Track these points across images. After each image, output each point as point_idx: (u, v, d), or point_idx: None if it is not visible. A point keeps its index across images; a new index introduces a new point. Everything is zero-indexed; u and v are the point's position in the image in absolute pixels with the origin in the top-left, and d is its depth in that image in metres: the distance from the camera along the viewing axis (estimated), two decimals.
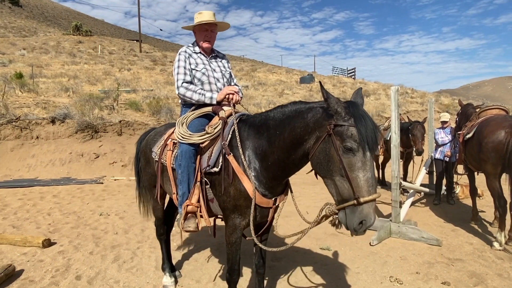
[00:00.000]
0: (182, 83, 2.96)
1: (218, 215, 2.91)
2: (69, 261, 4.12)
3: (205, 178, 2.67)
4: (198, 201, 2.71)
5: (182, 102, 3.15)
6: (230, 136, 2.62)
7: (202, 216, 2.73)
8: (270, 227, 2.87)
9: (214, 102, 2.92)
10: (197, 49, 3.12)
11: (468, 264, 4.09)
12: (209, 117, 2.94)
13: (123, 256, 4.29)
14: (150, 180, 3.53)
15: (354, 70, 38.04)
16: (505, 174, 4.61)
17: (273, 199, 2.56)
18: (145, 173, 3.62)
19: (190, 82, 3.01)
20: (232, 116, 2.74)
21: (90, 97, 11.63)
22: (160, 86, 17.00)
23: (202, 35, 3.07)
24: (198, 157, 2.74)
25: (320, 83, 2.18)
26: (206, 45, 3.10)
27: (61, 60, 24.26)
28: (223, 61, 3.28)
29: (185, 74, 2.99)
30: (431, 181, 7.62)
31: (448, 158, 6.67)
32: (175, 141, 2.92)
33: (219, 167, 2.57)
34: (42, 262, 4.06)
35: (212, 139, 2.72)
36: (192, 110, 3.00)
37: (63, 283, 3.60)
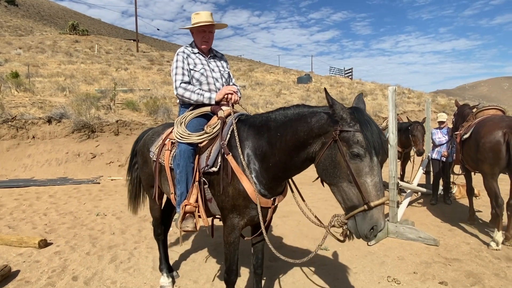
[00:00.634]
0: (181, 84, 2.95)
1: (216, 215, 2.92)
2: (65, 261, 4.10)
3: (203, 178, 2.66)
4: (197, 201, 2.70)
5: (180, 102, 3.14)
6: (229, 136, 2.62)
7: (200, 216, 2.72)
8: (268, 227, 2.87)
9: (213, 102, 2.92)
10: (195, 49, 3.12)
11: (465, 264, 4.10)
12: (207, 117, 2.94)
13: (120, 256, 4.27)
14: (147, 180, 3.52)
15: (351, 70, 38.17)
16: (502, 174, 4.63)
17: (272, 199, 2.56)
18: (142, 173, 3.60)
19: (188, 83, 3.00)
20: (230, 116, 2.75)
21: (86, 96, 11.59)
22: (157, 86, 16.98)
23: (200, 36, 3.07)
24: (197, 156, 2.74)
25: (325, 90, 2.17)
26: (204, 46, 3.10)
27: (57, 59, 24.09)
28: (222, 61, 3.27)
29: (183, 74, 2.98)
30: (428, 181, 7.65)
31: (445, 158, 6.69)
32: (174, 140, 2.91)
33: (218, 167, 2.56)
34: (38, 263, 4.04)
35: (210, 139, 2.72)
36: (190, 110, 2.99)
37: (60, 284, 3.57)
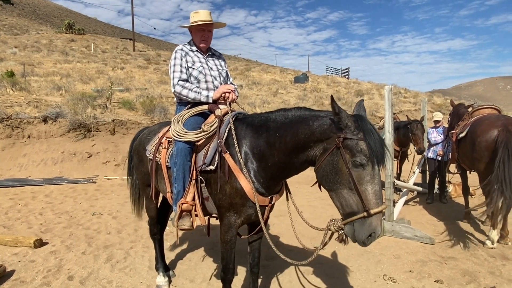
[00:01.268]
0: (178, 81, 2.95)
1: (212, 214, 2.91)
2: (61, 261, 4.07)
3: (200, 176, 2.65)
4: (193, 199, 2.69)
5: (177, 100, 3.13)
6: (226, 134, 2.62)
7: (197, 214, 2.71)
8: (265, 226, 2.86)
9: (210, 100, 2.91)
10: (194, 47, 3.12)
11: (461, 262, 4.12)
12: (204, 115, 2.93)
13: (116, 256, 4.25)
14: (143, 179, 3.50)
15: (348, 70, 38.24)
16: None
17: (269, 198, 2.57)
18: (138, 172, 3.59)
19: (186, 80, 3.00)
20: (228, 114, 2.74)
21: (83, 96, 11.53)
22: (153, 85, 16.91)
23: (199, 35, 3.06)
24: (194, 155, 2.73)
25: (331, 97, 2.15)
26: (203, 44, 3.10)
27: (53, 58, 23.95)
28: (220, 60, 3.27)
29: (181, 72, 2.98)
30: (424, 180, 7.69)
31: (440, 157, 6.73)
32: (170, 139, 2.90)
33: (215, 165, 2.56)
34: (34, 263, 4.01)
35: (208, 137, 2.71)
36: (187, 108, 2.98)
37: (55, 284, 3.55)
